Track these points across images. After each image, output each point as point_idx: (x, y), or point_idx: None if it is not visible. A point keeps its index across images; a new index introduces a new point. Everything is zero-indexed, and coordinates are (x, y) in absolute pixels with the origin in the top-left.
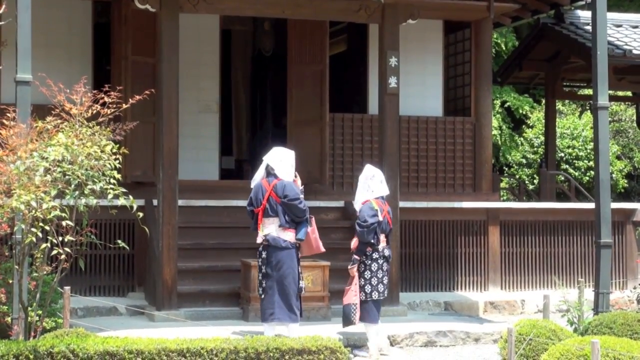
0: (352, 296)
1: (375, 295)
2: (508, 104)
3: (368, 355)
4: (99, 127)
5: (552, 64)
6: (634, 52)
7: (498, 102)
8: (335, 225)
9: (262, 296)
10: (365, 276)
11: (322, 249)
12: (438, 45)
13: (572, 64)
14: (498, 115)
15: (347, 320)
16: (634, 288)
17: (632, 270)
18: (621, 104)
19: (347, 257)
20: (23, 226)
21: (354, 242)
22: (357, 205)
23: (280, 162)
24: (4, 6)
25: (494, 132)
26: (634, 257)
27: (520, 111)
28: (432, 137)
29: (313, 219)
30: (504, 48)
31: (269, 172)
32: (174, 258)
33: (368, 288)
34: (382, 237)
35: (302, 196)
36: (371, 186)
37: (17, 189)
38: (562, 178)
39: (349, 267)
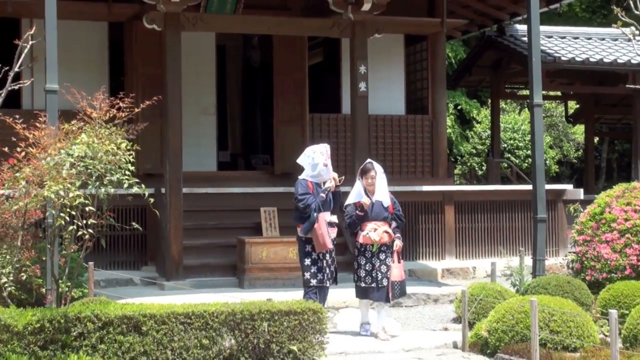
0: (402, 273)
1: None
2: (460, 106)
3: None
4: (115, 128)
5: (496, 69)
6: (562, 58)
7: (452, 105)
8: None
9: None
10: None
11: (329, 246)
12: (400, 55)
13: (513, 69)
14: (452, 116)
15: (404, 294)
16: (566, 256)
17: (563, 240)
18: (553, 102)
19: None
20: (53, 212)
21: (391, 229)
22: (387, 197)
23: (301, 158)
24: (34, 28)
25: (448, 129)
26: (565, 229)
27: (471, 115)
28: (396, 132)
29: (322, 216)
30: (453, 61)
31: None
32: (180, 237)
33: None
34: None
35: (304, 196)
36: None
37: (48, 181)
38: (506, 165)
39: (400, 244)
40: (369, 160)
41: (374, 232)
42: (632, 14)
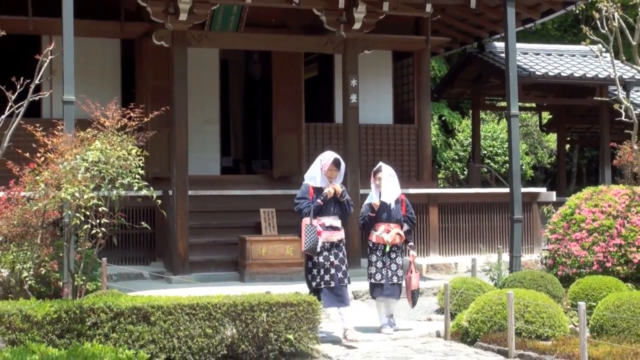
0: (419, 281)
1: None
2: (444, 117)
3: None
4: (126, 135)
5: (476, 83)
6: (537, 73)
7: (436, 115)
8: None
9: None
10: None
11: (302, 249)
12: (388, 69)
13: (491, 83)
14: (436, 126)
15: (415, 302)
16: (541, 253)
17: (537, 239)
18: (528, 113)
19: None
20: (70, 212)
21: (402, 231)
22: (393, 198)
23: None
24: (53, 44)
25: (433, 137)
26: (539, 229)
27: (453, 125)
28: (385, 139)
29: (304, 220)
30: (437, 74)
31: None
32: (186, 235)
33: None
34: None
35: (299, 200)
36: (396, 182)
37: (65, 184)
38: (485, 170)
39: (414, 255)
40: (380, 163)
41: (387, 233)
42: (599, 33)
